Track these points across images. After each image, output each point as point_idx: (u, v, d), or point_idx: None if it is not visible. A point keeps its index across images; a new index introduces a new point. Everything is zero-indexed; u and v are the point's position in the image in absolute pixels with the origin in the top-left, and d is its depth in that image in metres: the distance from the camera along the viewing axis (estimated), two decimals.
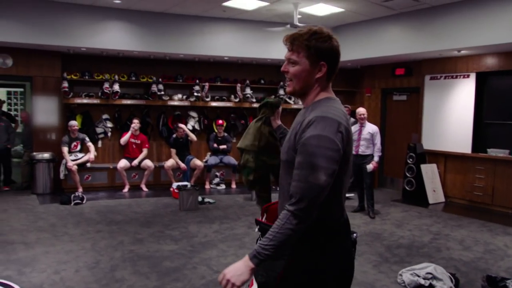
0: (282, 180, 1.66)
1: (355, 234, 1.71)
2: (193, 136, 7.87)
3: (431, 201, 7.34)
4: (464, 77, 7.25)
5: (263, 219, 1.86)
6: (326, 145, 1.46)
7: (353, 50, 8.00)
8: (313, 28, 1.59)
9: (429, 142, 7.73)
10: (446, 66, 7.45)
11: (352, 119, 7.57)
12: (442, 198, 7.52)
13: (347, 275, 1.63)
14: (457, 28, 6.40)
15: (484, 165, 6.98)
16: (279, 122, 2.14)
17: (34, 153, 7.49)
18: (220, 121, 8.14)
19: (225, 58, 8.23)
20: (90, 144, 7.55)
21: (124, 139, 7.80)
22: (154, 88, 8.04)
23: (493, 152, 6.87)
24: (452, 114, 7.41)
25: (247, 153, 2.40)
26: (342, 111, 1.57)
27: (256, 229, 1.80)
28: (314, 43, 1.56)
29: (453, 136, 7.30)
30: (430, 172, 7.53)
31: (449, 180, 7.57)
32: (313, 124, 1.48)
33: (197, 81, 8.36)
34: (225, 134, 8.25)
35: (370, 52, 7.74)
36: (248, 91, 8.58)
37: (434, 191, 7.47)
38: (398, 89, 8.49)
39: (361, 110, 6.20)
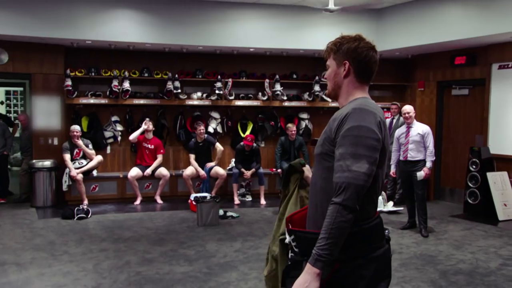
0: (314, 177, 1.92)
1: (387, 231, 1.94)
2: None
3: (501, 217, 7.05)
4: None
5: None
6: (367, 135, 1.74)
7: (401, 36, 7.86)
8: (342, 34, 1.97)
9: (497, 145, 7.44)
10: None
11: (402, 119, 7.42)
12: None
13: (385, 276, 1.86)
14: None
15: None
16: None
17: (34, 161, 7.58)
18: (249, 138, 7.99)
19: (251, 49, 8.26)
20: (89, 151, 7.50)
21: (133, 136, 7.82)
22: (169, 85, 8.11)
23: None
24: None
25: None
26: (377, 106, 1.89)
27: (288, 240, 1.94)
28: (339, 45, 1.93)
29: None
30: (499, 182, 7.25)
31: None
32: (350, 116, 1.77)
33: (219, 76, 8.39)
34: (254, 146, 8.08)
35: (423, 38, 7.56)
36: (278, 87, 8.58)
37: (505, 205, 7.17)
38: (459, 81, 8.24)
39: (406, 108, 6.16)
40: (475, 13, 6.82)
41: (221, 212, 6.65)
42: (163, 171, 7.85)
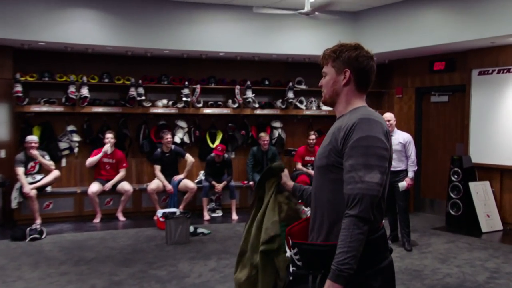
0: (317, 190, 2.01)
1: (389, 242, 2.07)
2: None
3: (484, 229, 7.21)
4: None
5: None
6: (376, 144, 1.85)
7: (378, 41, 7.98)
8: (341, 42, 2.09)
9: (479, 154, 7.61)
10: (500, 58, 7.34)
11: None
12: (499, 225, 7.36)
13: (391, 287, 1.97)
14: None
15: None
16: (291, 182, 2.39)
17: None
18: (219, 148, 7.94)
19: (221, 54, 8.26)
20: (48, 163, 7.26)
21: (91, 161, 7.61)
22: (132, 92, 8.01)
23: None
24: (508, 118, 7.27)
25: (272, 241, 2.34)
26: (380, 116, 2.01)
27: (290, 253, 2.00)
28: (339, 52, 2.04)
29: (511, 146, 7.16)
30: (481, 192, 7.42)
31: (508, 201, 7.40)
32: (358, 126, 1.87)
33: (186, 83, 8.34)
34: (225, 157, 8.05)
35: (401, 42, 7.70)
36: (249, 94, 8.58)
37: (488, 216, 7.34)
38: (438, 88, 8.43)
39: (387, 116, 6.26)
40: (454, 17, 6.98)
41: (191, 228, 6.57)
42: (125, 185, 7.69)
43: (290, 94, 8.80)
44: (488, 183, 7.49)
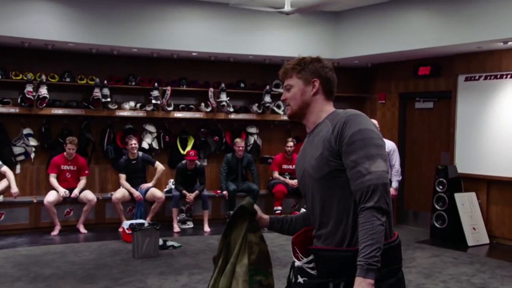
0: (320, 200, 2.06)
1: None
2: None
3: (470, 242, 7.31)
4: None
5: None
6: (370, 135, 1.97)
7: (361, 43, 8.04)
8: (300, 56, 2.22)
9: (464, 164, 7.72)
10: (487, 63, 7.47)
11: None
12: (485, 239, 7.47)
13: None
14: (502, 12, 6.35)
15: None
16: (267, 216, 2.36)
17: None
18: (192, 153, 7.92)
19: (193, 54, 8.23)
20: (6, 170, 7.07)
21: (51, 181, 7.53)
22: (96, 93, 7.92)
23: None
24: (495, 126, 7.41)
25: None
26: None
27: (301, 263, 2.04)
28: (304, 64, 2.18)
29: (498, 155, 7.29)
30: (467, 204, 7.52)
31: (495, 214, 7.51)
32: (348, 123, 1.99)
33: (156, 84, 8.30)
34: (198, 164, 8.03)
35: (384, 45, 7.75)
36: (223, 97, 8.58)
37: (474, 229, 7.45)
38: (422, 93, 8.55)
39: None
40: (441, 20, 7.05)
41: (160, 241, 6.52)
42: (88, 194, 7.57)
43: (267, 98, 8.82)
44: (474, 194, 7.60)
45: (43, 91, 7.58)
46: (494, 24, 6.46)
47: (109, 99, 7.98)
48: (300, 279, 2.04)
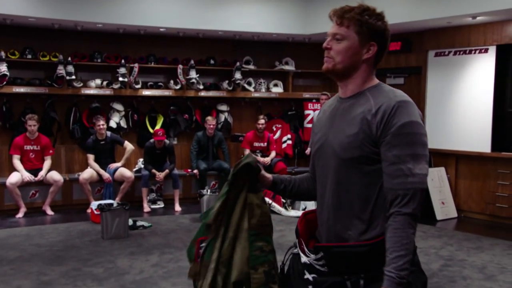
0: (342, 185, 1.86)
1: None
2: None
3: (439, 216, 7.50)
4: (480, 52, 7.38)
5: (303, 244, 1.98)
6: (421, 131, 1.78)
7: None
8: (365, 4, 1.89)
9: (434, 139, 7.76)
10: (457, 38, 7.60)
11: None
12: (454, 213, 7.68)
13: None
14: None
15: (509, 167, 7.11)
16: (270, 176, 2.13)
17: None
18: (160, 132, 7.87)
19: (161, 30, 8.16)
20: None
21: (14, 164, 7.40)
22: (60, 70, 7.79)
23: None
24: (464, 101, 7.57)
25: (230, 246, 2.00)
26: None
27: (307, 259, 1.90)
28: (367, 19, 1.85)
29: (467, 131, 7.46)
30: (436, 179, 7.69)
31: (463, 188, 7.72)
32: (398, 110, 1.77)
33: (123, 61, 8.21)
34: (167, 143, 8.01)
35: None
36: (193, 74, 8.53)
37: (443, 203, 7.63)
38: (393, 69, 8.63)
39: None
40: None
41: (130, 221, 6.50)
42: (54, 175, 7.49)
43: (238, 75, 8.80)
44: (443, 169, 7.80)
45: (3, 68, 7.44)
46: None
47: (73, 77, 7.87)
48: (308, 276, 1.89)
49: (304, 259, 1.92)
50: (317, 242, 1.98)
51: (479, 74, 7.39)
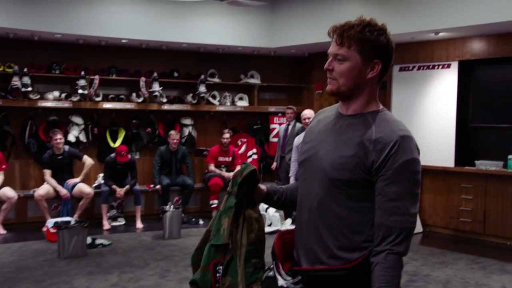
0: (324, 204, 1.85)
1: None
2: None
3: None
4: (443, 67, 7.56)
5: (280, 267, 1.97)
6: (419, 169, 1.80)
7: (298, 32, 8.10)
8: (365, 19, 1.83)
9: None
10: (420, 53, 7.77)
11: (299, 125, 7.78)
12: (419, 228, 7.76)
13: None
14: (434, 4, 6.64)
15: (473, 182, 7.24)
16: (265, 187, 2.08)
17: None
18: (123, 152, 7.74)
19: (123, 41, 8.12)
20: None
21: None
22: (16, 82, 7.63)
23: (483, 165, 7.11)
24: (428, 116, 7.70)
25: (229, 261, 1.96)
26: None
27: (284, 283, 1.89)
28: (369, 35, 1.81)
29: (430, 145, 7.51)
30: None
31: (427, 203, 7.82)
32: (401, 145, 1.77)
33: (83, 73, 8.08)
34: (129, 157, 7.90)
35: (321, 34, 7.43)
36: (156, 87, 8.47)
37: None
38: None
39: (307, 113, 6.47)
40: (375, 10, 7.12)
41: (88, 240, 6.39)
42: (7, 192, 7.26)
43: (202, 88, 8.75)
44: None
45: None
46: (426, 15, 6.73)
47: (30, 89, 7.70)
48: None
49: (281, 282, 1.90)
50: (294, 263, 1.96)
51: (442, 89, 7.54)
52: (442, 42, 7.46)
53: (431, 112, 7.65)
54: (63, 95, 8.12)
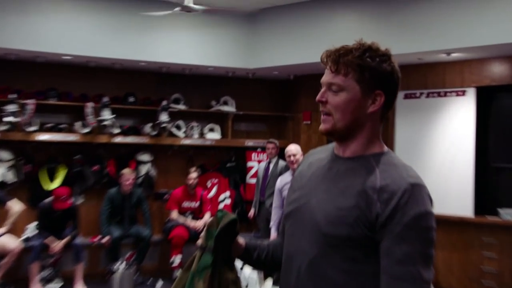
0: (317, 265, 1.82)
1: None
2: None
3: None
4: (457, 95, 7.56)
5: None
6: (433, 225, 1.75)
7: (281, 50, 8.11)
8: (365, 42, 1.84)
9: None
10: (430, 78, 7.78)
11: (282, 163, 7.69)
12: None
13: None
14: (445, 20, 6.64)
15: (496, 235, 7.12)
16: (243, 241, 2.09)
17: None
18: (63, 197, 7.44)
19: (66, 57, 7.97)
20: None
21: None
22: None
23: (508, 215, 7.00)
24: (440, 154, 7.65)
25: None
26: None
27: None
28: (370, 62, 1.81)
29: (443, 190, 7.37)
30: None
31: (441, 261, 7.60)
32: (413, 196, 1.73)
33: (14, 95, 7.85)
34: (70, 202, 7.63)
35: (309, 53, 7.68)
36: (106, 115, 8.30)
37: None
38: None
39: (292, 149, 6.43)
40: (374, 26, 7.22)
41: None
42: None
43: (164, 117, 8.60)
44: None
45: None
46: (437, 32, 6.72)
47: None
48: None
49: None
50: None
51: (456, 121, 7.52)
52: (455, 65, 7.47)
53: (443, 149, 7.60)
54: None
